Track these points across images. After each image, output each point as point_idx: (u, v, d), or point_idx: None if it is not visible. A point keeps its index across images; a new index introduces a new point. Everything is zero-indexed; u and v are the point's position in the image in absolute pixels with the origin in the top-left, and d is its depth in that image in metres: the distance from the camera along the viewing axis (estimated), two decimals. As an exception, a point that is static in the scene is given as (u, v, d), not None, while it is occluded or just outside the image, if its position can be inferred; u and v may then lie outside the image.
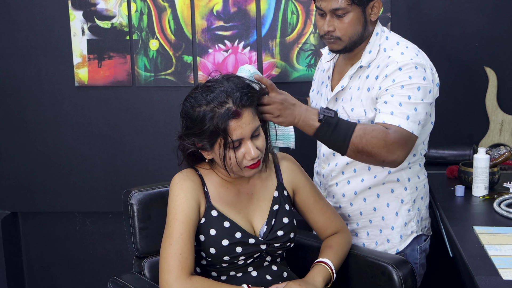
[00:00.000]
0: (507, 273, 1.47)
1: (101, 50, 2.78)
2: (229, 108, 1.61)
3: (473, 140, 2.69)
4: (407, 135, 1.77)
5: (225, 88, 1.63)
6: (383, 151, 1.73)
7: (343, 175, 2.00)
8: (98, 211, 2.98)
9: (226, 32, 2.72)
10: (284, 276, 1.79)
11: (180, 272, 1.60)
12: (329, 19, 1.87)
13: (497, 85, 2.65)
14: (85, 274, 3.08)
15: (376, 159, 1.76)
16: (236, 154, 1.64)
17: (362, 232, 2.01)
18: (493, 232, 1.75)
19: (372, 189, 1.97)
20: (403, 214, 1.97)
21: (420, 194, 2.00)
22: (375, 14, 1.90)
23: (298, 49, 2.71)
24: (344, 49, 1.91)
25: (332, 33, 1.88)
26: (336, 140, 1.75)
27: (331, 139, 1.75)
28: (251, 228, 1.75)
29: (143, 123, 2.85)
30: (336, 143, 1.76)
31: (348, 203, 2.01)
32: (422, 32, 2.66)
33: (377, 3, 1.90)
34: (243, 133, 1.62)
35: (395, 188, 1.96)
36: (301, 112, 1.74)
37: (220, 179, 1.76)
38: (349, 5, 1.83)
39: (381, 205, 1.97)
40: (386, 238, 1.99)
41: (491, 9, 2.63)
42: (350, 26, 1.86)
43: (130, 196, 1.90)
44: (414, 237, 1.99)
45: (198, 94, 1.65)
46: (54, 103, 2.87)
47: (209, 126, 1.61)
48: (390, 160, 1.76)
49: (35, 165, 2.93)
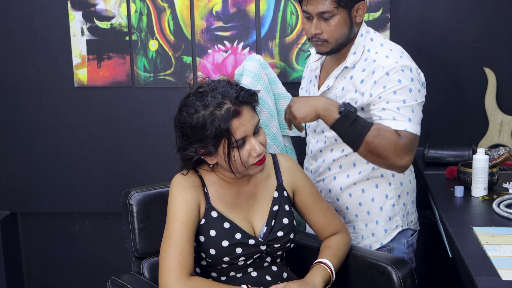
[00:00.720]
0: (506, 274, 1.47)
1: (101, 51, 2.78)
2: (228, 108, 1.61)
3: (473, 140, 2.69)
4: (413, 138, 1.84)
5: (219, 89, 1.64)
6: (392, 155, 1.80)
7: (330, 171, 2.06)
8: (98, 212, 2.98)
9: (225, 32, 2.72)
10: (284, 277, 1.79)
11: (180, 273, 1.60)
12: (316, 22, 1.91)
13: (496, 85, 2.66)
14: (84, 275, 3.08)
15: (385, 162, 1.83)
16: (241, 153, 1.64)
17: (349, 226, 2.06)
18: (493, 232, 1.75)
19: (357, 184, 2.02)
20: (387, 209, 2.02)
21: (405, 189, 2.05)
22: (360, 16, 1.94)
23: (297, 50, 2.71)
24: (331, 51, 1.95)
25: (319, 35, 1.92)
26: (352, 135, 1.82)
27: (347, 133, 1.82)
28: (251, 229, 1.75)
29: (142, 124, 2.85)
30: (351, 138, 1.82)
31: (334, 198, 2.07)
32: (421, 32, 2.67)
33: (362, 5, 1.93)
34: (246, 130, 1.63)
35: (380, 184, 2.01)
36: (321, 101, 1.85)
37: (220, 179, 1.76)
38: (336, 8, 1.88)
39: (366, 199, 2.02)
40: (371, 232, 2.03)
41: (490, 10, 2.63)
42: (337, 28, 1.90)
43: (129, 197, 1.90)
44: (399, 231, 2.04)
45: (193, 101, 1.64)
46: (54, 103, 2.87)
47: (212, 130, 1.60)
48: (398, 165, 1.83)
49: (35, 165, 2.93)
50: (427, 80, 2.02)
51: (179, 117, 1.67)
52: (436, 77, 2.67)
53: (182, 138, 1.68)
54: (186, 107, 1.66)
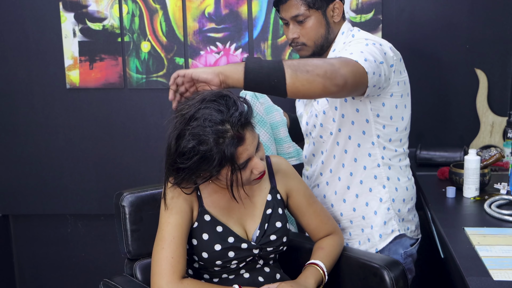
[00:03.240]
0: (497, 274, 1.48)
1: (93, 52, 2.78)
2: (232, 136, 1.52)
3: (464, 141, 2.70)
4: (346, 58, 1.69)
5: (215, 116, 1.51)
6: (319, 62, 1.61)
7: (322, 176, 2.03)
8: (90, 214, 2.97)
9: (217, 34, 2.72)
10: (277, 278, 1.79)
11: (172, 276, 1.59)
12: (292, 26, 1.91)
13: (488, 87, 2.67)
14: (77, 277, 3.07)
15: (317, 72, 1.57)
16: (243, 174, 1.60)
17: (345, 232, 2.03)
18: (484, 233, 1.75)
19: (351, 189, 1.98)
20: (382, 213, 1.97)
21: (401, 195, 1.99)
22: (337, 15, 1.93)
23: (289, 51, 2.71)
24: (312, 54, 1.94)
25: (297, 40, 1.92)
26: (269, 66, 1.57)
27: (263, 66, 1.57)
28: (243, 232, 1.75)
29: (135, 125, 2.85)
30: (271, 77, 1.57)
31: (329, 204, 2.03)
32: (413, 34, 2.68)
33: (337, 4, 1.92)
34: (249, 153, 1.58)
35: (373, 187, 1.96)
36: (224, 66, 1.61)
37: (213, 183, 1.75)
38: (307, 10, 1.88)
39: (360, 204, 1.98)
40: (367, 237, 1.99)
41: (481, 11, 2.64)
42: (312, 30, 1.90)
43: (121, 198, 1.89)
44: (395, 236, 1.98)
45: (198, 130, 1.51)
46: (46, 105, 2.86)
47: (216, 160, 1.52)
48: (331, 70, 1.59)
49: (27, 167, 2.92)
50: (419, 81, 2.03)
51: (180, 148, 1.53)
52: (427, 78, 2.68)
53: (184, 169, 1.56)
54: (189, 137, 1.51)
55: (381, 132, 1.92)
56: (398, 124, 1.94)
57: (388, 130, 1.92)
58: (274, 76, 1.57)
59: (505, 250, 1.62)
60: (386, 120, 1.91)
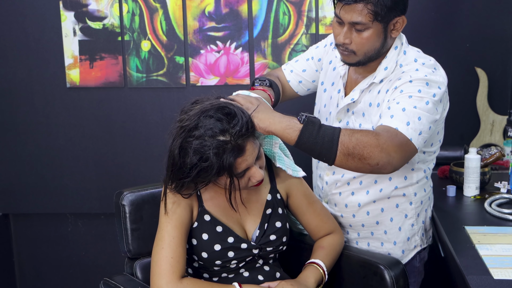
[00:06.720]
0: (498, 273, 1.48)
1: (93, 51, 2.78)
2: (232, 147, 1.53)
3: (464, 140, 2.70)
4: (403, 138, 1.61)
5: (216, 126, 1.52)
6: (376, 150, 1.56)
7: (348, 185, 1.92)
8: (90, 213, 2.97)
9: (218, 33, 2.72)
10: (277, 277, 1.79)
11: (172, 276, 1.59)
12: (347, 31, 1.73)
13: (488, 85, 2.67)
14: (77, 276, 3.07)
15: (369, 162, 1.57)
16: (241, 181, 1.60)
17: (363, 242, 1.97)
18: (484, 231, 1.75)
19: (377, 202, 1.89)
20: (406, 229, 1.91)
21: (424, 206, 1.94)
22: (397, 30, 1.76)
23: (290, 50, 2.71)
24: (357, 63, 1.79)
25: (347, 45, 1.74)
26: (324, 141, 1.57)
27: (318, 141, 1.57)
28: (243, 232, 1.75)
29: (135, 124, 2.85)
30: (323, 145, 1.58)
31: (350, 214, 1.94)
32: (413, 32, 2.66)
33: (401, 19, 1.75)
34: (248, 164, 1.58)
35: (400, 203, 1.89)
36: (278, 115, 1.62)
37: (213, 183, 1.75)
38: (371, 21, 1.68)
39: (384, 219, 1.91)
40: (387, 252, 1.93)
41: (482, 10, 2.64)
42: (368, 42, 1.72)
43: (122, 197, 1.89)
44: (417, 251, 1.95)
45: (199, 145, 1.52)
46: (46, 104, 2.86)
47: (215, 170, 1.53)
48: (384, 162, 1.57)
49: (27, 166, 2.92)
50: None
51: (188, 159, 1.53)
52: (428, 77, 2.67)
53: (186, 177, 1.57)
54: (193, 151, 1.52)
55: (422, 158, 1.87)
56: (436, 148, 1.90)
57: (428, 156, 1.88)
58: (324, 155, 1.60)
59: (506, 248, 1.62)
60: (427, 147, 1.85)
